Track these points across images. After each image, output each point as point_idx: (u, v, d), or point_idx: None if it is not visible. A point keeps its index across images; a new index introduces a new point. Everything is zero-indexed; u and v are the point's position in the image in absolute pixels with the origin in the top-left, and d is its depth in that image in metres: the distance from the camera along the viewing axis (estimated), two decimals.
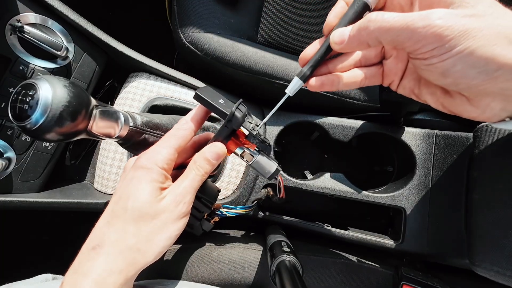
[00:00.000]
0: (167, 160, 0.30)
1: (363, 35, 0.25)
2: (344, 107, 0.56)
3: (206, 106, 0.32)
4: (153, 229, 0.28)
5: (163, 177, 0.30)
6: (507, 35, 0.21)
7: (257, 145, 0.34)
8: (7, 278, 0.36)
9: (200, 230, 0.42)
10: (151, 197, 0.28)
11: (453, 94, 0.26)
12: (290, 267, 0.38)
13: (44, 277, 0.39)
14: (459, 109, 0.26)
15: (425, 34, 0.22)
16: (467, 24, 0.21)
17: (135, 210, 0.28)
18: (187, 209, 0.30)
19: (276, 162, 0.36)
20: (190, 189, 0.31)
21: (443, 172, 0.49)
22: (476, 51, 0.21)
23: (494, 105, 0.24)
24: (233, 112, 0.31)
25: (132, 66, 0.53)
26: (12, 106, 0.28)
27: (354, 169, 0.67)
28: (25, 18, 0.42)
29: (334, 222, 0.58)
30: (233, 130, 0.32)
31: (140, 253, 0.28)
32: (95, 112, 0.31)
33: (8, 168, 0.43)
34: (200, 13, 0.54)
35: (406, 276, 0.44)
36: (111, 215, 0.29)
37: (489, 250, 0.37)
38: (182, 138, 0.32)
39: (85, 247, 0.28)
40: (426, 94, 0.29)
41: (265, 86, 0.55)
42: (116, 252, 0.27)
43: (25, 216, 0.87)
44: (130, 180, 0.29)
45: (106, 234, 0.28)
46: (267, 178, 0.36)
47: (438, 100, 0.28)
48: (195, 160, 0.32)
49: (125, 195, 0.29)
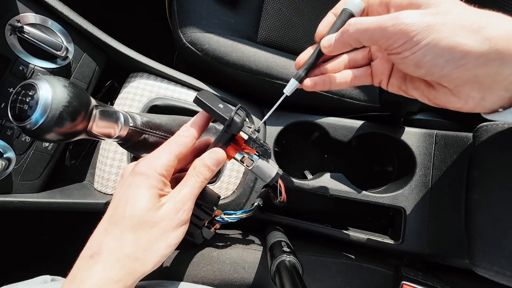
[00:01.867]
0: (166, 166, 0.30)
1: (345, 37, 0.29)
2: (344, 107, 0.56)
3: (206, 110, 0.32)
4: (152, 237, 0.28)
5: (162, 184, 0.30)
6: (467, 27, 0.23)
7: (257, 149, 0.34)
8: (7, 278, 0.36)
9: (201, 238, 0.42)
10: (150, 204, 0.28)
11: (436, 87, 0.28)
12: (290, 267, 0.38)
13: (43, 279, 0.39)
14: (443, 100, 0.28)
15: (394, 31, 0.25)
16: (431, 20, 0.24)
17: (133, 218, 0.27)
18: (186, 216, 0.30)
19: (276, 166, 0.36)
20: (190, 196, 0.30)
21: (443, 172, 0.49)
22: (440, 42, 0.24)
23: (473, 94, 0.26)
24: (232, 117, 0.31)
25: (132, 66, 0.53)
26: (12, 106, 0.28)
27: (354, 169, 0.67)
28: (25, 18, 0.42)
29: (334, 222, 0.58)
30: (233, 135, 0.32)
31: (139, 262, 0.27)
32: (95, 112, 0.31)
33: (8, 168, 0.43)
34: (200, 13, 0.54)
35: (406, 276, 0.44)
36: (109, 222, 0.28)
37: (489, 250, 0.37)
38: (183, 145, 0.31)
39: (83, 254, 0.27)
40: (412, 89, 0.31)
41: (265, 86, 0.55)
42: (114, 261, 0.26)
43: (25, 216, 0.87)
44: (129, 186, 0.29)
45: (104, 241, 0.27)
46: (268, 183, 0.36)
47: (423, 93, 0.30)
48: (195, 167, 0.31)
49: (123, 202, 0.28)
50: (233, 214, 0.43)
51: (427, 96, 0.30)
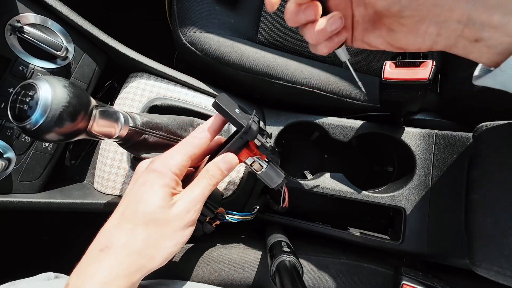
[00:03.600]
0: (180, 166, 0.31)
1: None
2: (344, 107, 0.56)
3: (224, 115, 0.32)
4: (163, 235, 0.28)
5: (175, 183, 0.30)
6: None
7: (268, 156, 0.35)
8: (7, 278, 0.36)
9: (201, 231, 0.42)
10: (163, 202, 0.28)
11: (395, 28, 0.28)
12: (290, 267, 0.38)
13: (46, 276, 0.39)
14: (403, 42, 0.28)
15: None
16: None
17: (146, 214, 0.28)
18: (196, 217, 0.31)
19: (283, 172, 0.37)
20: (201, 198, 0.31)
21: (443, 172, 0.49)
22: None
23: (430, 30, 0.26)
24: (250, 125, 0.31)
25: (132, 66, 0.53)
26: (12, 106, 0.28)
27: (354, 169, 0.67)
28: (24, 19, 0.42)
29: (334, 222, 0.58)
30: (247, 141, 0.33)
31: (148, 258, 0.28)
32: (95, 112, 0.31)
33: (8, 168, 0.43)
34: (200, 13, 0.54)
35: (406, 276, 0.44)
36: (121, 217, 0.28)
37: (489, 250, 0.37)
38: (197, 146, 0.32)
39: (92, 248, 0.27)
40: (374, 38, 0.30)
41: (265, 86, 0.55)
42: (124, 255, 0.26)
43: (25, 216, 0.87)
44: (143, 183, 0.29)
45: (115, 236, 0.27)
46: (273, 188, 0.36)
47: (385, 39, 0.30)
48: (208, 170, 0.32)
49: (136, 198, 0.29)
50: (234, 215, 0.43)
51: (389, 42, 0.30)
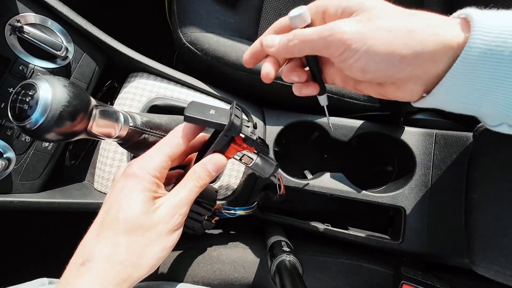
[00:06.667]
0: (159, 168, 0.29)
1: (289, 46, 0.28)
2: (344, 107, 0.56)
3: (200, 124, 0.31)
4: (147, 242, 0.27)
5: (155, 186, 0.29)
6: (399, 31, 0.24)
7: (256, 147, 0.34)
8: (7, 278, 0.36)
9: (202, 230, 0.42)
10: (144, 207, 0.27)
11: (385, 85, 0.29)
12: (290, 267, 0.38)
13: (40, 282, 0.38)
14: (393, 95, 0.29)
15: (332, 41, 0.25)
16: (363, 28, 0.25)
17: (127, 221, 0.27)
18: (182, 220, 0.30)
19: (273, 160, 0.36)
20: (186, 201, 0.30)
21: (442, 171, 0.49)
22: (378, 49, 0.24)
23: (417, 88, 0.27)
24: (232, 121, 0.30)
25: (132, 66, 0.53)
26: (12, 106, 0.28)
27: (354, 169, 0.67)
28: (24, 18, 0.42)
29: (334, 222, 0.58)
30: (232, 137, 0.32)
31: (134, 267, 0.26)
32: (95, 112, 0.31)
33: (8, 168, 0.43)
34: (199, 13, 0.54)
35: (406, 275, 0.44)
36: (101, 227, 0.27)
37: (489, 249, 0.37)
38: (176, 146, 0.31)
39: (72, 262, 0.26)
40: (366, 89, 0.31)
41: (265, 86, 0.55)
42: (108, 267, 0.25)
43: (25, 216, 0.87)
44: (121, 189, 0.28)
45: (96, 247, 0.26)
46: (267, 177, 0.36)
47: (376, 91, 0.30)
48: (195, 171, 0.31)
49: (115, 206, 0.27)
50: (232, 210, 0.43)
51: (379, 93, 0.30)
